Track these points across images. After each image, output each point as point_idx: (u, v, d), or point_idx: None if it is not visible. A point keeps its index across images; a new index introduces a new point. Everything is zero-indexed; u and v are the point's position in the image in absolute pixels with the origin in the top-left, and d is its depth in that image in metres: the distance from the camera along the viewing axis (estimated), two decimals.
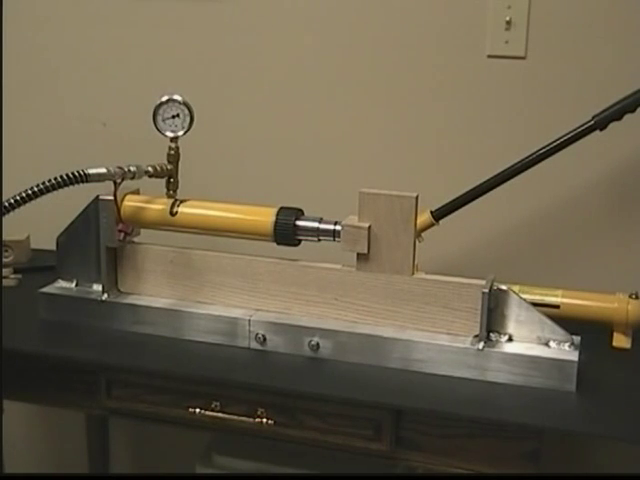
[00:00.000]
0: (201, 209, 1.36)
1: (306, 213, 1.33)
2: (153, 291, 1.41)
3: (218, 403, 1.30)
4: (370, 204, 1.26)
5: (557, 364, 1.21)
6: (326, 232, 1.30)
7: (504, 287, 1.24)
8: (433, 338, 1.27)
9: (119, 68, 1.80)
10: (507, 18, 1.56)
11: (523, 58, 1.58)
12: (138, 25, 1.77)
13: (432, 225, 1.47)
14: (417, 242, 1.29)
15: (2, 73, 1.38)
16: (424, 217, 1.45)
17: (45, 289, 1.44)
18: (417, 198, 1.25)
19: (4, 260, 1.68)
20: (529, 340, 1.24)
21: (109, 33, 1.79)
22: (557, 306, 1.38)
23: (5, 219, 1.22)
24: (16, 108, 1.88)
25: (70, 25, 1.81)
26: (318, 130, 1.72)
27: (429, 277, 1.28)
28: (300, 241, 1.33)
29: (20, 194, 1.20)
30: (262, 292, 1.35)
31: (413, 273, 1.28)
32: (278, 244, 1.33)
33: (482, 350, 1.23)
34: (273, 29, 1.69)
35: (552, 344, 1.23)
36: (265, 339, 1.32)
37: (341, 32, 1.66)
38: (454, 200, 1.46)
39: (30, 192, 1.21)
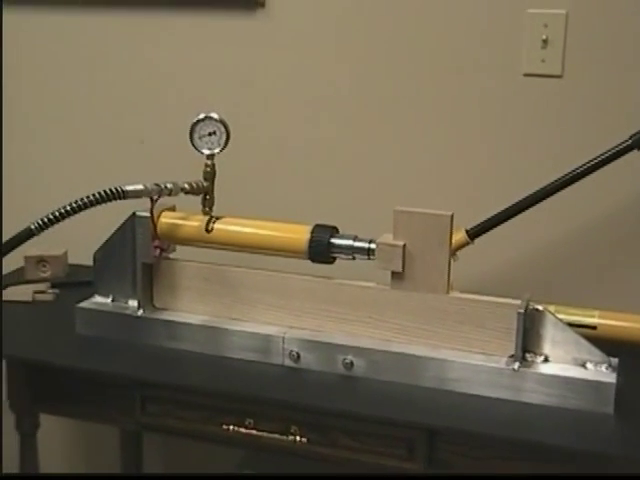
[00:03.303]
0: (236, 226, 1.37)
1: (341, 231, 1.34)
2: (188, 307, 1.41)
3: (251, 420, 1.30)
4: (405, 222, 1.26)
5: (594, 386, 1.19)
6: (361, 250, 1.30)
7: (540, 307, 1.23)
8: (468, 357, 1.26)
9: (156, 86, 1.82)
10: (544, 36, 1.55)
11: (560, 77, 1.57)
12: (175, 43, 1.79)
13: (467, 244, 1.47)
14: (452, 261, 1.28)
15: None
16: (459, 236, 1.45)
17: (82, 304, 1.45)
18: (452, 217, 1.25)
19: (42, 275, 1.69)
20: (565, 361, 1.23)
21: (147, 51, 1.81)
22: (594, 327, 1.36)
23: (43, 235, 1.23)
24: (54, 126, 1.91)
25: (108, 43, 1.83)
26: (354, 148, 1.72)
27: (464, 296, 1.28)
28: (335, 259, 1.33)
29: (59, 210, 1.22)
30: (296, 309, 1.35)
31: (448, 292, 1.27)
32: (313, 262, 1.33)
33: (517, 370, 1.22)
34: (309, 46, 1.70)
35: (589, 365, 1.22)
36: (299, 356, 1.32)
37: (378, 50, 1.67)
38: (489, 219, 1.45)
39: (69, 208, 1.22)
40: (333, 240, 1.31)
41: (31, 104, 1.92)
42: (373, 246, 1.29)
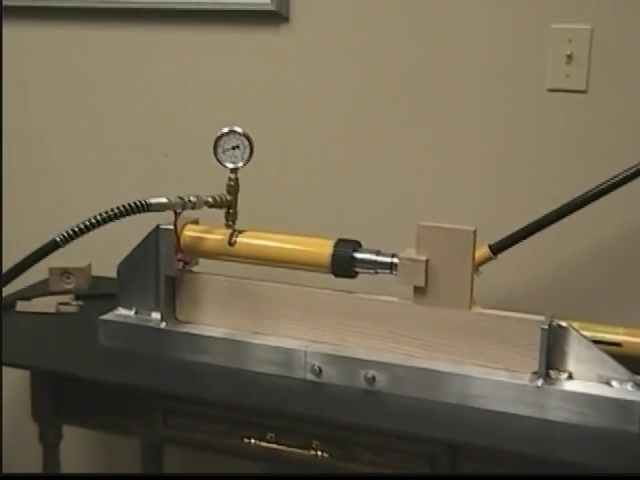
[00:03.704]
0: (259, 240, 1.37)
1: (364, 245, 1.34)
2: (210, 320, 1.42)
3: (273, 434, 1.30)
4: (428, 237, 1.26)
5: (619, 404, 1.18)
6: (383, 265, 1.30)
7: (564, 323, 1.23)
8: (490, 374, 1.25)
9: (181, 99, 1.83)
10: (568, 52, 1.55)
11: (584, 92, 1.56)
12: (199, 57, 1.80)
13: (490, 259, 1.46)
14: (475, 276, 1.28)
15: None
16: (482, 251, 1.44)
17: (105, 316, 1.46)
18: (475, 232, 1.25)
19: (66, 286, 1.70)
20: (590, 378, 1.22)
21: (171, 65, 1.83)
22: (619, 344, 1.35)
23: (68, 247, 1.24)
24: (78, 139, 1.93)
25: (133, 56, 1.85)
26: (377, 162, 1.72)
27: (487, 312, 1.27)
28: (357, 273, 1.32)
29: (83, 223, 1.23)
30: (318, 323, 1.35)
31: (470, 307, 1.27)
32: (335, 276, 1.33)
33: (541, 387, 1.21)
34: (333, 61, 1.71)
35: (614, 383, 1.21)
36: (321, 371, 1.32)
37: (402, 66, 1.67)
38: (513, 234, 1.44)
39: (93, 221, 1.23)
40: (356, 254, 1.31)
41: (55, 117, 1.94)
42: (396, 261, 1.28)
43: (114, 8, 1.81)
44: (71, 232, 1.23)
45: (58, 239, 1.22)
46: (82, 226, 1.23)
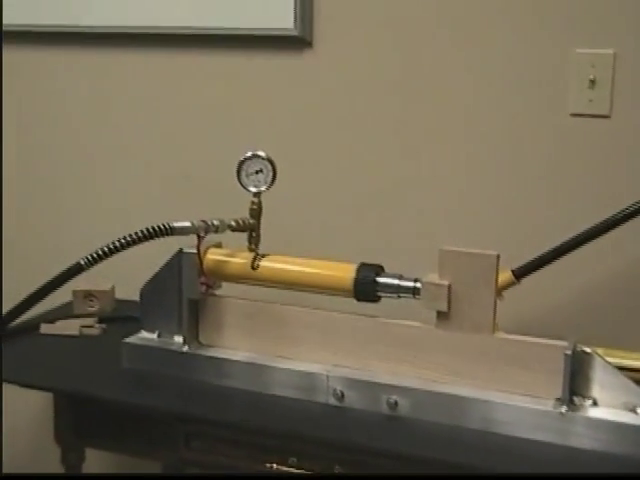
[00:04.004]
0: (282, 264, 1.37)
1: (386, 269, 1.33)
2: (233, 344, 1.42)
3: (295, 459, 1.30)
4: (451, 262, 1.26)
5: None
6: (406, 289, 1.30)
7: (588, 349, 1.21)
8: (514, 399, 1.24)
9: (204, 123, 1.85)
10: (591, 76, 1.55)
11: (607, 117, 1.56)
12: (223, 81, 1.82)
13: (513, 284, 1.45)
14: (497, 300, 1.27)
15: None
16: (505, 275, 1.44)
17: (128, 339, 1.46)
18: (498, 257, 1.24)
19: (90, 309, 1.71)
20: (615, 405, 1.21)
21: (194, 88, 1.84)
22: None
23: (91, 270, 1.25)
24: (103, 163, 1.94)
25: (157, 80, 1.87)
26: (399, 186, 1.72)
27: (510, 337, 1.26)
28: (380, 297, 1.32)
29: (107, 246, 1.24)
30: (340, 348, 1.35)
31: (494, 332, 1.26)
32: (358, 300, 1.33)
33: (565, 414, 1.20)
34: (357, 85, 1.72)
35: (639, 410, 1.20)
36: (343, 395, 1.32)
37: (425, 90, 1.67)
38: (536, 259, 1.44)
39: (117, 244, 1.24)
40: (379, 279, 1.31)
41: (79, 141, 1.96)
42: (418, 285, 1.28)
43: (138, 33, 1.83)
44: (95, 255, 1.24)
45: (83, 262, 1.23)
46: (106, 249, 1.24)
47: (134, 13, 1.83)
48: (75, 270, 1.24)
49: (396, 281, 1.30)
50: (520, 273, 1.45)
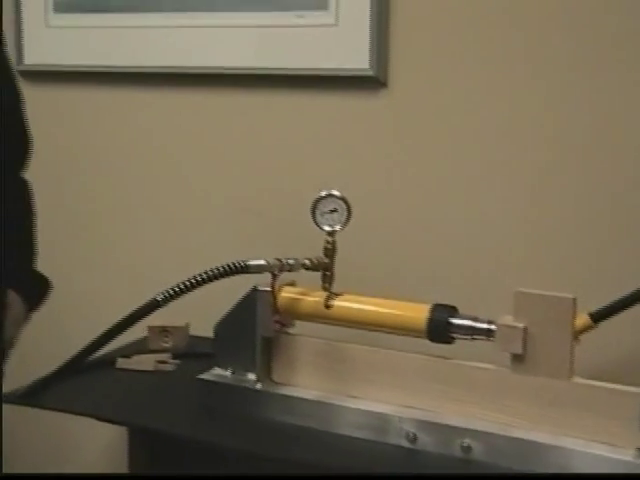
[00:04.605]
0: (356, 303, 1.37)
1: (460, 311, 1.32)
2: (305, 382, 1.42)
3: None
4: (526, 304, 1.24)
5: None
6: (480, 331, 1.28)
7: None
8: (591, 447, 1.21)
9: (279, 161, 1.87)
10: None
11: None
12: (297, 121, 1.84)
13: (591, 327, 1.42)
14: (574, 344, 1.25)
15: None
16: (582, 319, 1.41)
17: (202, 375, 1.47)
18: (575, 300, 1.22)
19: (164, 345, 1.74)
20: None
21: (270, 128, 1.87)
22: None
23: (167, 307, 1.27)
24: (175, 198, 1.98)
25: (231, 120, 1.90)
26: (474, 228, 1.71)
27: (587, 382, 1.23)
28: (454, 339, 1.31)
29: (184, 282, 1.26)
30: (412, 389, 1.34)
31: (570, 377, 1.24)
32: (432, 341, 1.32)
33: None
34: (432, 126, 1.72)
35: None
36: (415, 437, 1.30)
37: (499, 130, 1.67)
38: (615, 302, 1.41)
39: (193, 281, 1.26)
40: (452, 320, 1.30)
41: (149, 180, 2.00)
42: (493, 327, 1.27)
43: (213, 74, 1.88)
44: (172, 292, 1.26)
45: (159, 298, 1.26)
46: (182, 286, 1.26)
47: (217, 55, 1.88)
48: (151, 306, 1.27)
49: (470, 322, 1.29)
50: (598, 317, 1.42)
